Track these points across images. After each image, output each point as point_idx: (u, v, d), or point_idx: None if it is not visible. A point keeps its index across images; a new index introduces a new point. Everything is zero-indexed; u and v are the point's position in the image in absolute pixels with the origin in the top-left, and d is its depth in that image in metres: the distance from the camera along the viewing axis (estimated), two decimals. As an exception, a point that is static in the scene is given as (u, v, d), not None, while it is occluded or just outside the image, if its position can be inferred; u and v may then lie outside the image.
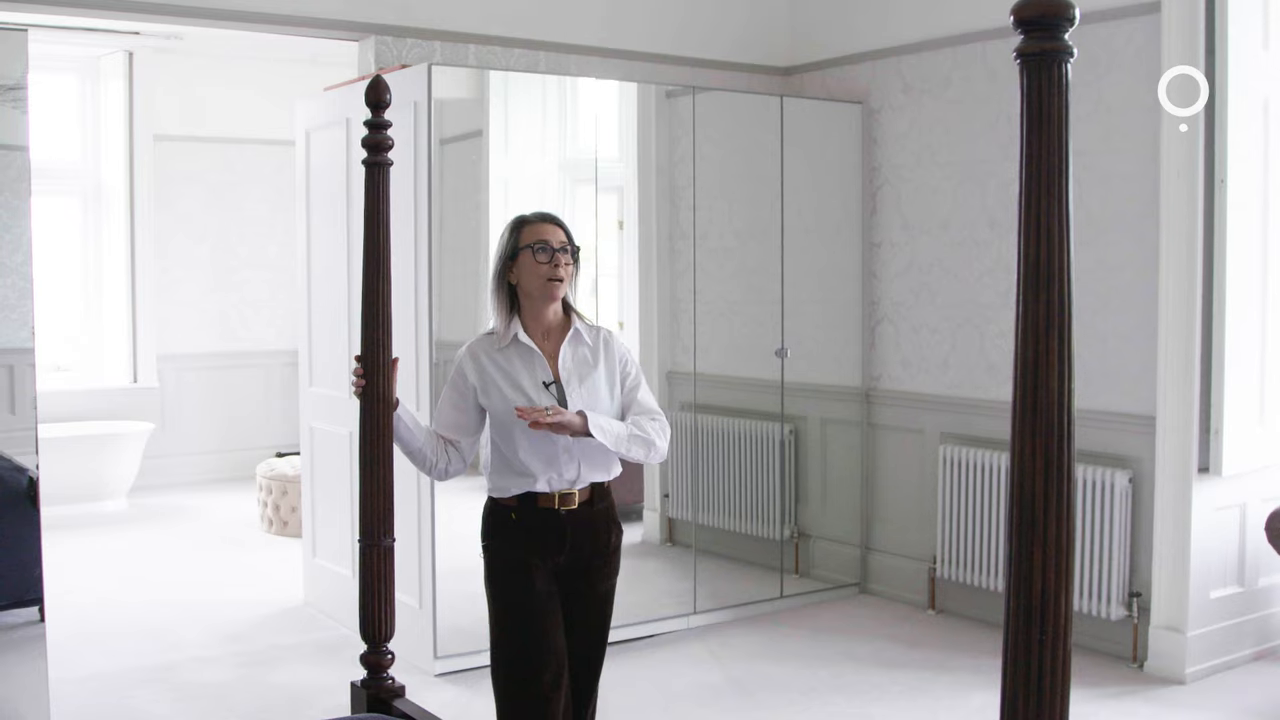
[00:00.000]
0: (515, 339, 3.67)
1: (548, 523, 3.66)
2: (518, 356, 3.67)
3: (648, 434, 3.68)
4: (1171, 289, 5.59)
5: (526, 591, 3.64)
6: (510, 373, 3.65)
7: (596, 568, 3.75)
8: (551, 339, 3.71)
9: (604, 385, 3.70)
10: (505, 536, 3.71)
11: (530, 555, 3.66)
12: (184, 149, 10.36)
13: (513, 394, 3.62)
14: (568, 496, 3.66)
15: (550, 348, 3.70)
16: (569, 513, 3.66)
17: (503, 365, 3.66)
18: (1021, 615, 1.90)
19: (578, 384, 3.66)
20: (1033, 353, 1.87)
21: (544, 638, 3.62)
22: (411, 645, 5.63)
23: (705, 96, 6.58)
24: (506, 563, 3.69)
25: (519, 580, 3.65)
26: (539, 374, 3.65)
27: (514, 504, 3.68)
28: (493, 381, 3.66)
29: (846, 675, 5.75)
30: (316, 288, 6.68)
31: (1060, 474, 1.88)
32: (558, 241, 3.65)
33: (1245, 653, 5.87)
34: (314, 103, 6.71)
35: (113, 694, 5.54)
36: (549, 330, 3.71)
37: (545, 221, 3.69)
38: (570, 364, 3.69)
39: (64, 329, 10.23)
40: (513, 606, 3.66)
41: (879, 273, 6.99)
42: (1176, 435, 5.62)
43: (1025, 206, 1.88)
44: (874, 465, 7.09)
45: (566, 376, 3.67)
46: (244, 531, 8.77)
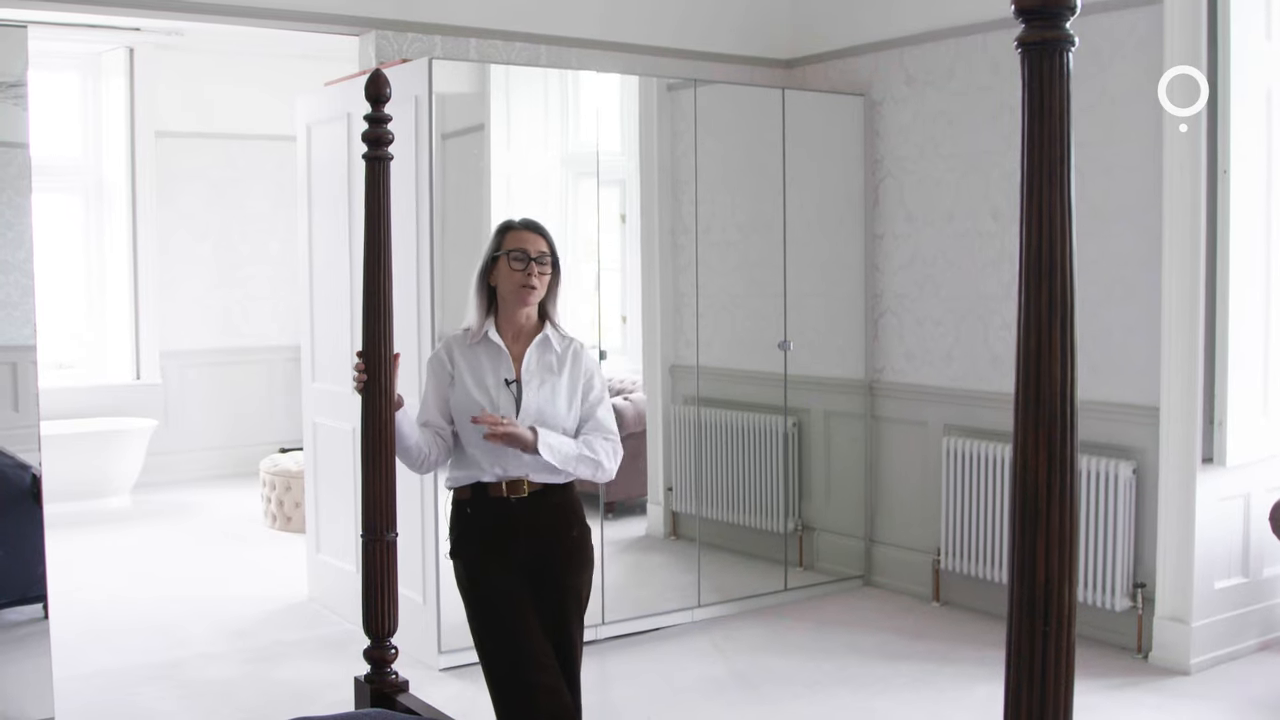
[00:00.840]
0: (485, 337, 3.79)
1: (499, 511, 3.74)
2: (485, 354, 3.80)
3: (596, 454, 3.79)
4: (1175, 280, 5.58)
5: (489, 588, 3.73)
6: (476, 369, 3.78)
7: (559, 559, 3.80)
8: (521, 341, 3.82)
9: (564, 393, 3.80)
10: (464, 533, 3.80)
11: (488, 550, 3.74)
12: (186, 145, 10.36)
13: (475, 389, 3.76)
14: (516, 485, 3.74)
15: (518, 349, 3.81)
16: (519, 500, 3.74)
17: (470, 361, 3.79)
18: (1025, 607, 1.89)
19: (536, 386, 3.77)
20: (1035, 343, 1.86)
21: (516, 630, 3.67)
22: (416, 640, 5.63)
23: (707, 89, 6.57)
24: (467, 564, 3.79)
25: (480, 579, 3.75)
26: (502, 371, 3.77)
27: (467, 496, 3.78)
28: (460, 375, 3.79)
29: (851, 668, 5.75)
30: (319, 283, 6.68)
31: (1063, 465, 1.87)
32: (535, 251, 3.76)
33: (1250, 643, 5.86)
34: (315, 98, 6.71)
35: (118, 690, 5.54)
36: (520, 333, 3.83)
37: (528, 230, 3.81)
38: (534, 366, 3.80)
39: (67, 326, 10.23)
40: (480, 604, 3.75)
41: (882, 265, 6.98)
42: (1180, 426, 5.61)
43: (1027, 195, 1.87)
44: (877, 458, 7.09)
45: (528, 377, 3.78)
46: (248, 527, 8.77)
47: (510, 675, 3.66)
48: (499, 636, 3.69)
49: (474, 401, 3.74)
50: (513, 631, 3.66)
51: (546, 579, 3.77)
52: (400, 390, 3.83)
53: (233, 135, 10.53)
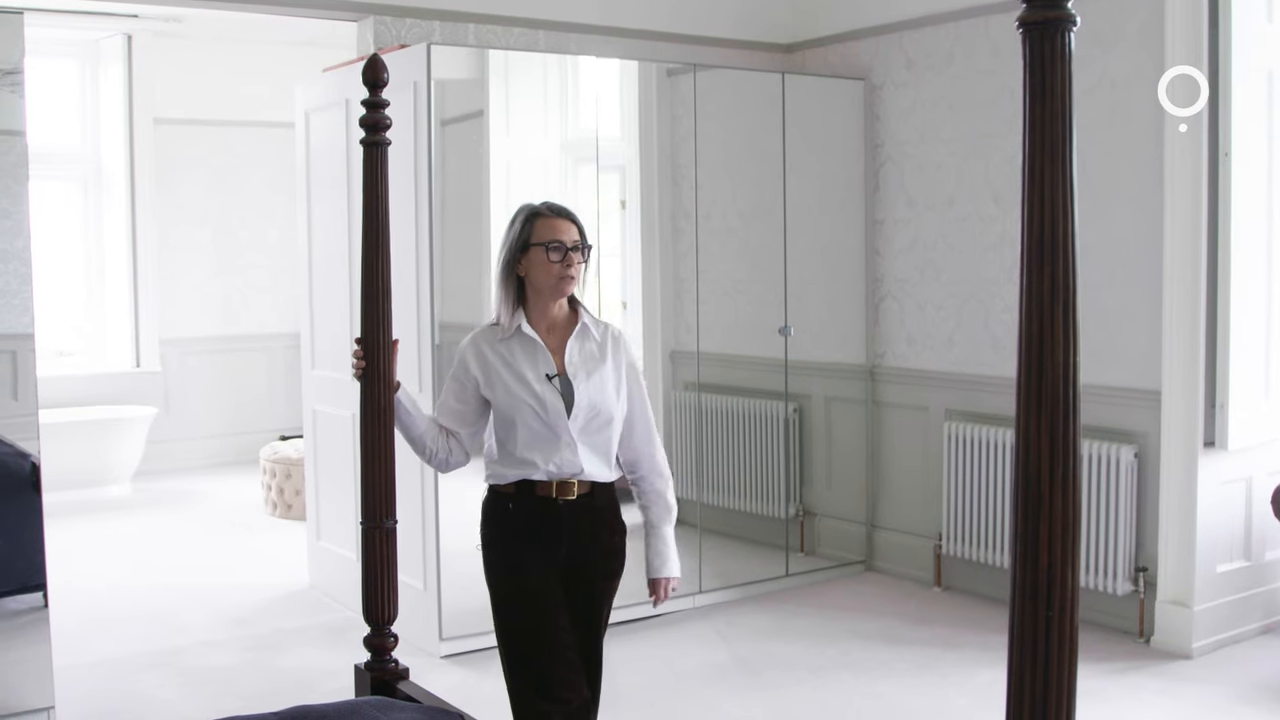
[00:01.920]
0: (518, 330, 3.60)
1: (546, 512, 3.60)
2: (520, 348, 3.60)
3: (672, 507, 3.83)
4: (1176, 263, 5.57)
5: (525, 586, 3.59)
6: (513, 364, 3.58)
7: (596, 566, 3.69)
8: (555, 333, 3.64)
9: (610, 381, 3.63)
10: (502, 528, 3.65)
11: (527, 550, 3.60)
12: (184, 132, 10.34)
13: (516, 385, 3.56)
14: (566, 486, 3.59)
15: (554, 341, 3.63)
16: (567, 504, 3.59)
17: (505, 356, 3.60)
18: (1028, 591, 1.88)
19: (585, 379, 3.59)
20: (1037, 326, 1.85)
21: (545, 630, 3.56)
22: (417, 628, 5.63)
23: (706, 74, 6.55)
24: (503, 557, 3.64)
25: (515, 574, 3.60)
26: (541, 366, 3.58)
27: (512, 492, 3.61)
28: (496, 373, 3.59)
29: (853, 653, 5.75)
30: (318, 270, 6.67)
31: (1065, 449, 1.86)
32: (571, 240, 3.57)
33: (1252, 626, 5.86)
34: (313, 84, 6.69)
35: (118, 679, 5.54)
36: (553, 324, 3.64)
37: (560, 217, 3.60)
38: (577, 358, 3.62)
39: (67, 314, 10.22)
40: (512, 601, 3.61)
41: (883, 250, 6.97)
42: (1182, 409, 5.60)
43: (1029, 176, 1.86)
44: (879, 443, 7.08)
45: (573, 371, 3.60)
46: (248, 515, 8.77)
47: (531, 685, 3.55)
48: (525, 636, 3.58)
49: (520, 400, 3.54)
50: (536, 640, 3.56)
51: (581, 581, 3.66)
52: (399, 377, 3.81)
53: (231, 122, 10.51)
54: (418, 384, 5.62)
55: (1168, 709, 5.09)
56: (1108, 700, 5.14)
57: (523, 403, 3.55)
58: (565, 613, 3.61)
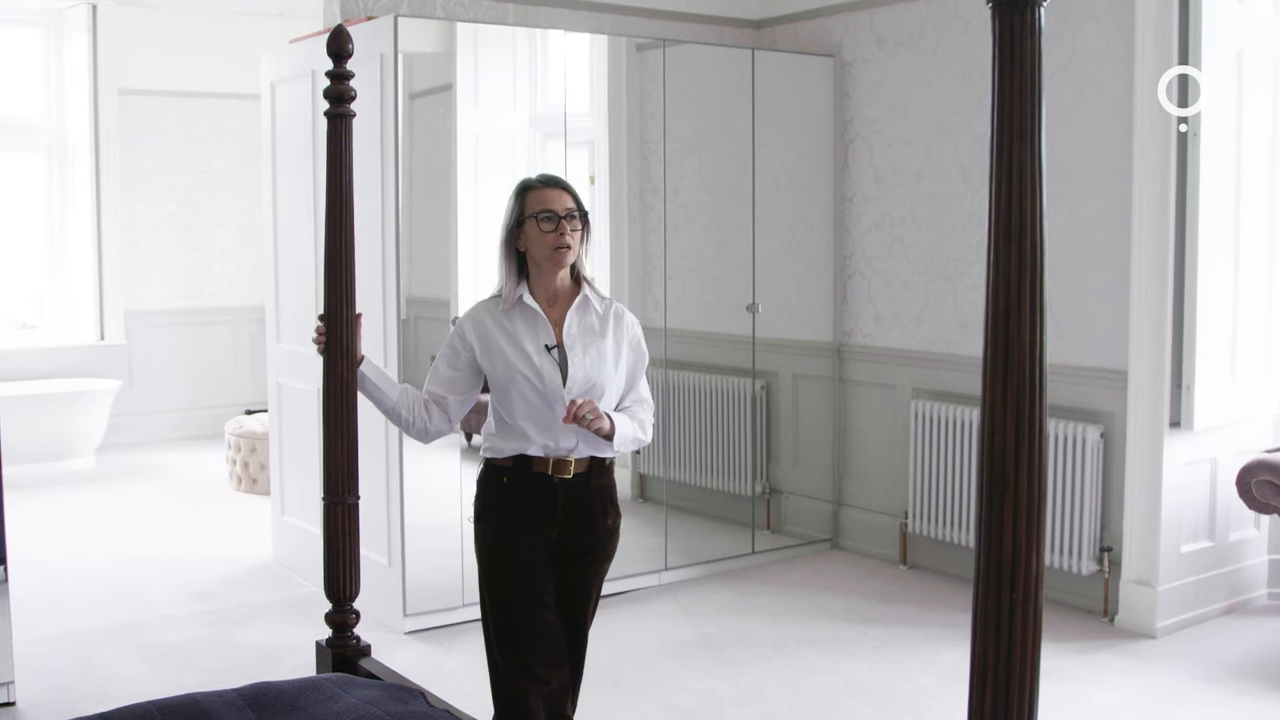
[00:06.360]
0: (520, 300, 3.57)
1: (541, 489, 3.56)
2: (520, 318, 3.58)
3: (646, 432, 3.66)
4: (1144, 244, 5.57)
5: (514, 561, 3.55)
6: (513, 334, 3.56)
7: (589, 548, 3.65)
8: (558, 305, 3.61)
9: (609, 355, 3.60)
10: (496, 502, 3.61)
11: (520, 525, 3.57)
12: (149, 104, 10.23)
13: (515, 356, 3.54)
14: (563, 464, 3.56)
15: (556, 314, 3.60)
16: (563, 482, 3.56)
17: (505, 327, 3.57)
18: (992, 572, 1.87)
19: (581, 351, 3.56)
20: (1004, 302, 1.83)
21: (530, 608, 3.53)
22: (381, 603, 5.61)
23: (676, 49, 6.51)
24: (495, 531, 3.60)
25: (506, 550, 3.57)
26: (541, 337, 3.56)
27: (508, 465, 3.58)
28: (495, 342, 3.56)
29: (818, 630, 5.75)
30: (283, 243, 6.61)
31: (1031, 429, 1.85)
32: (563, 208, 3.54)
33: (1216, 606, 5.89)
34: (279, 56, 6.62)
35: (80, 653, 5.50)
36: (556, 296, 3.61)
37: (551, 186, 3.59)
38: (575, 330, 3.59)
39: (29, 286, 10.12)
40: (500, 577, 3.58)
41: (851, 227, 6.95)
42: (1148, 390, 5.61)
43: (997, 152, 1.84)
44: (846, 420, 7.08)
45: (570, 342, 3.57)
46: (213, 489, 8.72)
47: (513, 663, 3.52)
48: (510, 612, 3.55)
49: (516, 370, 3.53)
50: (525, 620, 3.52)
51: (573, 561, 3.63)
52: (364, 351, 3.78)
53: (197, 93, 10.40)
54: (383, 359, 5.58)
55: (1131, 688, 5.11)
56: (1071, 679, 5.16)
57: (519, 373, 3.53)
58: (552, 592, 3.59)
